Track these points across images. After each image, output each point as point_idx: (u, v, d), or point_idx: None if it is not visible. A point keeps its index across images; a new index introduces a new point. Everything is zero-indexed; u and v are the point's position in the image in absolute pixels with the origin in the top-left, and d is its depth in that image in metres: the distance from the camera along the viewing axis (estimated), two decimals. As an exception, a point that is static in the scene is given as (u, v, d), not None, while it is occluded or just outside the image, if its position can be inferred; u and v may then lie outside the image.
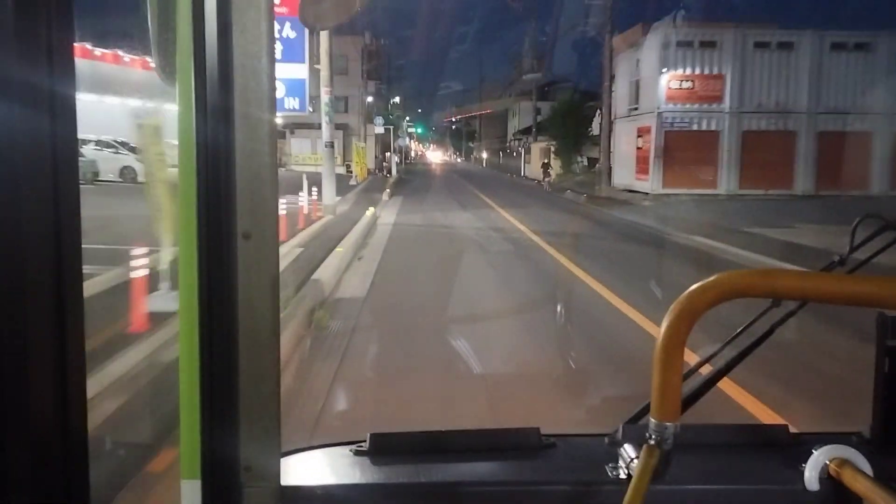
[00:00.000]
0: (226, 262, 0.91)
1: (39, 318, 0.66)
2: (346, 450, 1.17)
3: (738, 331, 1.28)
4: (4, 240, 0.64)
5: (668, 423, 0.77)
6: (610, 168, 27.09)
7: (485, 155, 75.86)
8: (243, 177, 0.92)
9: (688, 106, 23.13)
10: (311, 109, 16.94)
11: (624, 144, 26.62)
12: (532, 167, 42.86)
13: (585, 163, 36.36)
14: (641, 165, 24.46)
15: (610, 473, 1.07)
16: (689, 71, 23.12)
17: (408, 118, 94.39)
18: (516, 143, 57.63)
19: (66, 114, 0.67)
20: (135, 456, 3.31)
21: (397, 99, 72.96)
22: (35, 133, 0.65)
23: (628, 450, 1.04)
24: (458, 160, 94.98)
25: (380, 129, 43.25)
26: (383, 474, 1.11)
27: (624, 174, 26.21)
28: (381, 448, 1.16)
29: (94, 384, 3.93)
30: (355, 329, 6.61)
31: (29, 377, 0.66)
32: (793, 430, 1.23)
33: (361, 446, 1.17)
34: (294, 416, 4.17)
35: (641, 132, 24.52)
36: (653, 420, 0.78)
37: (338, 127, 46.71)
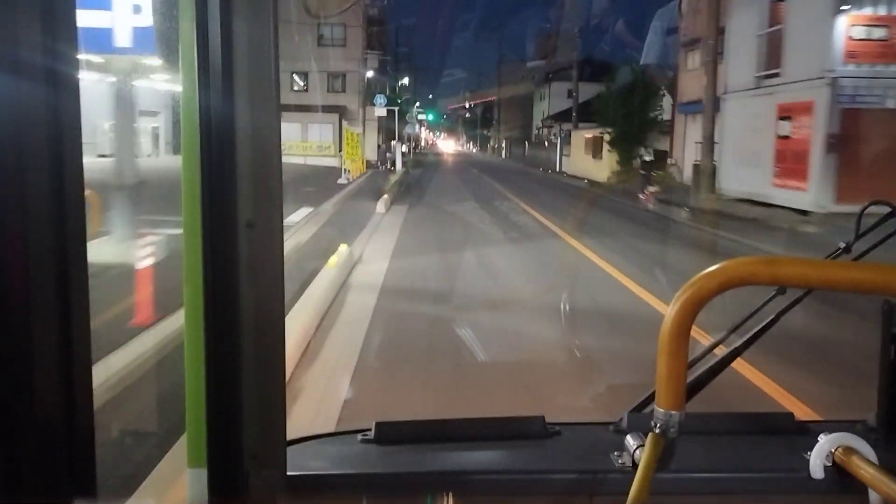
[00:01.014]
0: (230, 250, 0.91)
1: (45, 311, 0.66)
2: (351, 438, 1.17)
3: (744, 319, 1.28)
4: (8, 229, 0.63)
5: (672, 412, 0.76)
6: (714, 167, 18.23)
7: (504, 144, 66.86)
8: (247, 166, 0.91)
9: (878, 68, 14.11)
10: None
11: (742, 131, 17.73)
12: (574, 161, 33.86)
13: (651, 157, 27.53)
14: (787, 165, 15.48)
15: (615, 462, 1.07)
16: (881, 11, 14.13)
17: (418, 104, 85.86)
18: (546, 130, 48.68)
19: (69, 97, 0.67)
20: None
21: (406, 80, 64.02)
22: (38, 117, 0.64)
23: (633, 438, 1.04)
24: (474, 150, 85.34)
25: (381, 112, 34.42)
26: (389, 462, 1.12)
27: (742, 177, 17.36)
28: (387, 436, 1.17)
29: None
30: None
31: (34, 372, 0.66)
32: (798, 417, 1.23)
33: (367, 434, 1.17)
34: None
35: (790, 112, 15.53)
36: (658, 408, 0.77)
37: (333, 110, 37.69)
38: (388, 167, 34.93)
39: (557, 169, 36.92)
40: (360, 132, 30.91)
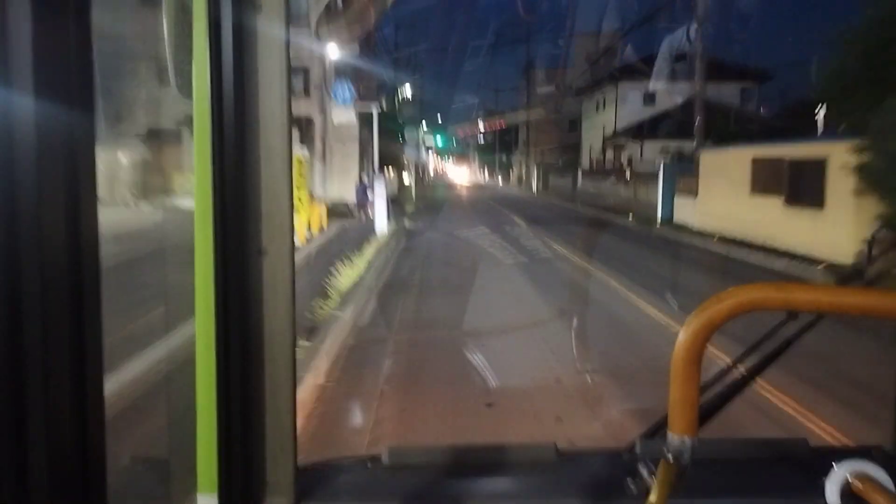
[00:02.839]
0: (242, 277, 0.92)
1: (58, 327, 0.67)
2: (362, 463, 1.17)
3: (755, 343, 1.27)
4: (22, 241, 0.64)
5: (685, 438, 0.75)
6: None
7: (536, 173, 51.16)
8: (259, 194, 0.93)
9: None
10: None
11: None
12: (715, 205, 17.43)
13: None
14: None
15: (627, 488, 1.05)
16: None
17: (424, 124, 71.01)
18: (614, 153, 33.07)
19: (84, 111, 0.68)
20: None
21: (409, 91, 48.77)
22: (53, 129, 0.65)
23: (646, 464, 1.03)
24: (499, 182, 67.47)
25: (346, 115, 18.69)
26: (400, 488, 1.11)
27: None
28: (398, 462, 1.16)
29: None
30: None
31: (49, 386, 0.66)
32: (812, 443, 1.21)
33: (378, 460, 1.16)
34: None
35: None
36: (670, 434, 0.76)
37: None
38: (367, 216, 19.35)
39: (663, 217, 21.15)
40: (305, 156, 15.28)
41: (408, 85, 48.28)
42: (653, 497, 0.77)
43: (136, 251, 6.55)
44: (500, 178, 64.94)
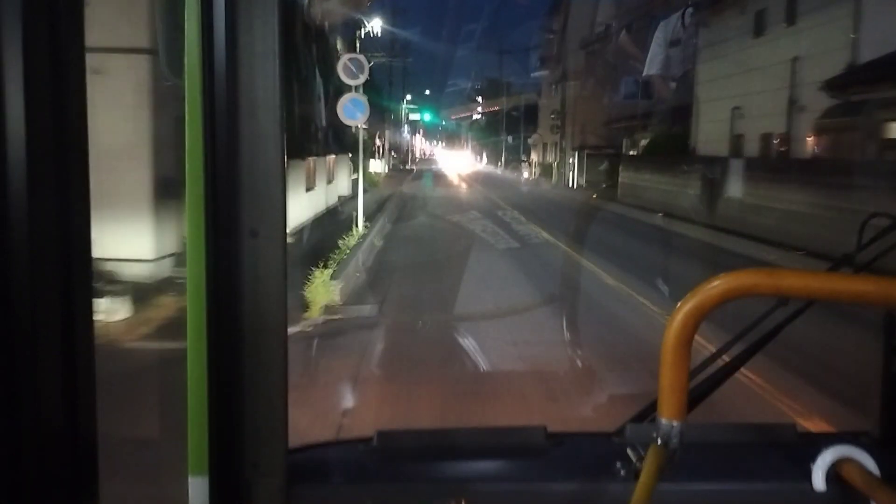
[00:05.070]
0: (233, 259, 0.92)
1: (49, 321, 0.67)
2: (353, 447, 1.17)
3: (745, 329, 1.28)
4: (15, 240, 0.64)
5: (674, 422, 0.77)
6: None
7: (574, 161, 32.16)
8: (250, 174, 0.92)
9: None
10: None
11: None
12: None
13: None
14: None
15: (616, 472, 1.06)
16: None
17: (409, 97, 51.61)
18: (843, 118, 14.25)
19: (77, 110, 0.68)
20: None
21: (378, 26, 29.38)
22: (46, 130, 0.65)
23: (635, 448, 1.03)
24: (523, 174, 43.79)
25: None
26: (390, 472, 1.12)
27: None
28: (388, 446, 1.16)
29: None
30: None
31: (38, 383, 0.66)
32: (800, 429, 1.21)
33: (368, 443, 1.16)
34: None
35: None
36: (660, 418, 0.77)
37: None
38: None
39: None
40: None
41: (378, 20, 29.18)
42: (642, 481, 0.77)
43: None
44: (522, 169, 43.98)
